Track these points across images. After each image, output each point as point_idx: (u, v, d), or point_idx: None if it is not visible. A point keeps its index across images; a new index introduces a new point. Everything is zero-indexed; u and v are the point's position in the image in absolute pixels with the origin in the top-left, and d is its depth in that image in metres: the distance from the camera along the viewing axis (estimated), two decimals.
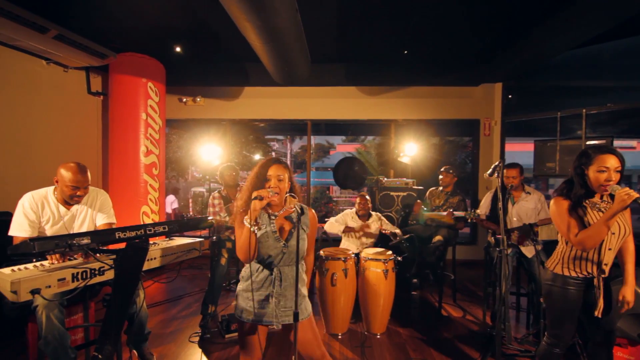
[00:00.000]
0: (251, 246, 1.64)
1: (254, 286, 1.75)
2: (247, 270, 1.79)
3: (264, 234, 1.74)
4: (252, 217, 1.61)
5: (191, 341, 2.98)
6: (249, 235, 1.63)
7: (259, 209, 1.63)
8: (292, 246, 1.75)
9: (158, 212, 4.91)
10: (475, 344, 3.01)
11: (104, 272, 1.83)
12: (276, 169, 1.75)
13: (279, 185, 1.73)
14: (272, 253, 1.74)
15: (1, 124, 3.87)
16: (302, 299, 1.80)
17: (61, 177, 2.23)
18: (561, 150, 4.79)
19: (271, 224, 1.76)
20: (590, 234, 1.77)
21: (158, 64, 4.98)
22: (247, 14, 2.63)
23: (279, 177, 1.74)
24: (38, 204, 2.26)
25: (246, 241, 1.64)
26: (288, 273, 1.77)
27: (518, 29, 4.27)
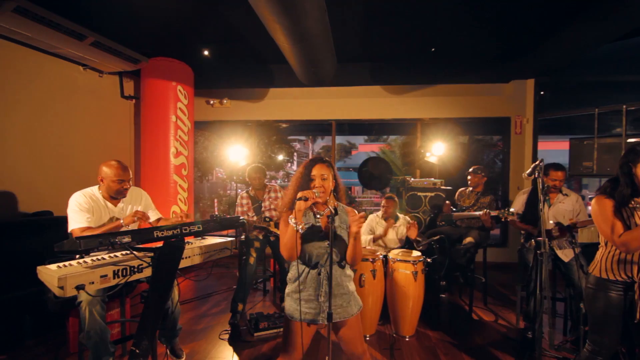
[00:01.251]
0: (295, 244, 1.68)
1: (301, 287, 1.78)
2: (294, 272, 1.82)
3: (309, 232, 1.77)
4: (298, 216, 1.66)
5: (221, 338, 3.04)
6: (293, 234, 1.66)
7: (303, 209, 1.68)
8: (336, 245, 1.76)
9: (187, 212, 5.03)
10: (509, 349, 2.91)
11: (142, 270, 1.88)
12: (319, 168, 1.78)
13: (324, 185, 1.76)
14: (317, 252, 1.76)
15: (41, 128, 4.07)
16: (351, 296, 1.83)
17: (106, 174, 2.39)
18: (599, 149, 4.56)
19: (317, 223, 1.79)
20: (635, 236, 1.68)
21: (187, 67, 5.11)
22: (277, 15, 2.65)
23: (322, 176, 1.77)
24: (89, 200, 2.39)
25: (290, 239, 1.68)
26: (334, 273, 1.78)
27: (552, 22, 4.09)
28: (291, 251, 1.70)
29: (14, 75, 3.77)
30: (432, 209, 4.30)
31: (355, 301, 1.84)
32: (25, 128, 3.88)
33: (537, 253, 2.25)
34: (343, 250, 1.79)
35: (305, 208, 1.68)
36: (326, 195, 1.78)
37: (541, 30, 4.35)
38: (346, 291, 1.80)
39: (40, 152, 4.07)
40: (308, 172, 1.79)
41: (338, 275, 1.80)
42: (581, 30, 3.93)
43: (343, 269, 1.83)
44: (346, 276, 1.84)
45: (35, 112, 4.00)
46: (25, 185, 3.81)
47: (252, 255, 3.34)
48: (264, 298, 4.13)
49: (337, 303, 1.77)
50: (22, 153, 3.84)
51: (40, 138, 4.06)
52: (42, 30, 3.43)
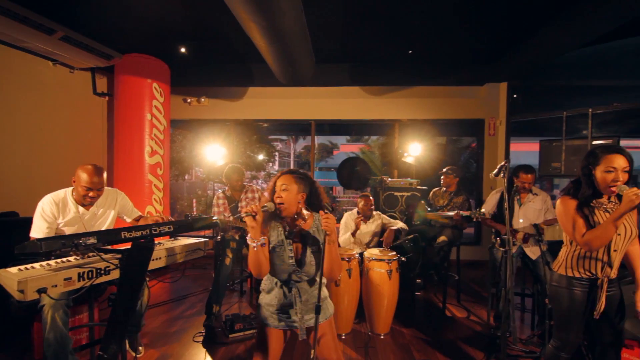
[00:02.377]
0: (259, 263, 1.63)
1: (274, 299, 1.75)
2: (267, 283, 1.80)
3: (278, 253, 1.71)
4: (252, 233, 1.60)
5: (195, 341, 2.99)
6: (253, 252, 1.62)
7: (254, 225, 1.60)
8: (306, 270, 1.72)
9: (162, 212, 4.93)
10: (480, 344, 2.99)
11: (109, 272, 1.84)
12: (282, 179, 1.72)
13: (282, 195, 1.69)
14: (287, 271, 1.72)
15: (8, 125, 3.90)
16: (323, 301, 1.78)
17: (78, 178, 2.29)
18: (567, 150, 4.75)
19: (287, 242, 1.71)
20: (597, 234, 1.75)
21: (163, 64, 5.00)
22: (252, 14, 2.64)
23: (282, 187, 1.70)
24: (58, 206, 2.29)
25: (251, 258, 1.64)
26: (307, 289, 1.76)
27: (524, 27, 4.24)
28: (256, 270, 1.66)
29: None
30: (408, 208, 4.37)
31: (327, 307, 1.82)
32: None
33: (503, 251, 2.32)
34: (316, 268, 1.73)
35: (257, 224, 1.61)
36: (289, 208, 1.71)
37: (513, 36, 4.50)
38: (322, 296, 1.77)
39: (7, 150, 3.90)
40: (273, 184, 1.75)
41: (310, 290, 1.76)
42: (550, 37, 4.09)
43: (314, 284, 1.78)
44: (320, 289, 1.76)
45: (1, 108, 3.83)
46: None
47: (228, 256, 3.31)
48: (241, 299, 4.09)
49: (310, 315, 1.75)
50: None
51: (6, 135, 3.89)
52: (9, 23, 3.28)
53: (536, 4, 3.72)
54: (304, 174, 1.79)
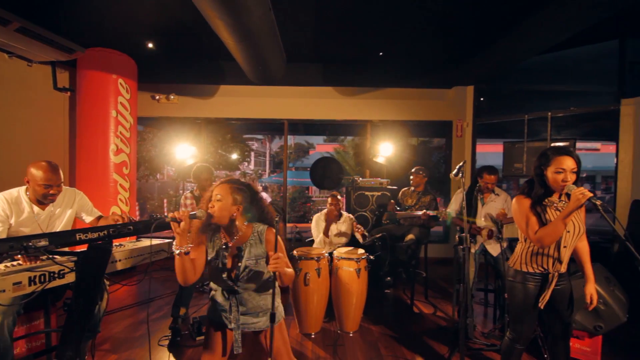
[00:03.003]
0: (183, 270, 1.59)
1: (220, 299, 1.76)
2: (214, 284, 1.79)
3: (213, 266, 1.69)
4: (178, 241, 1.56)
5: (160, 345, 2.92)
6: (178, 260, 1.58)
7: (180, 232, 1.56)
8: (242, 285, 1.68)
9: (129, 213, 4.76)
10: (444, 339, 3.09)
11: (64, 275, 1.76)
12: (219, 189, 1.66)
13: (214, 205, 1.63)
14: (223, 285, 1.72)
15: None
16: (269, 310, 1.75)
17: (32, 176, 2.17)
18: (528, 152, 4.99)
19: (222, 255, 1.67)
20: (548, 232, 1.85)
21: (129, 60, 4.84)
22: (218, 11, 2.60)
23: (217, 196, 1.64)
24: (10, 205, 2.17)
25: (177, 267, 1.59)
26: (247, 298, 1.72)
27: (489, 33, 4.41)
28: (181, 277, 1.61)
29: None
30: (378, 207, 4.45)
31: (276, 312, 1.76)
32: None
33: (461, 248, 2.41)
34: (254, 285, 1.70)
35: (183, 231, 1.55)
36: (221, 218, 1.64)
37: (479, 41, 4.67)
38: (264, 308, 1.75)
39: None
40: (211, 192, 1.69)
41: (254, 297, 1.73)
42: (511, 43, 4.28)
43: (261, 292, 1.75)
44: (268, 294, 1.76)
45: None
46: None
47: None
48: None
49: (256, 319, 1.75)
50: None
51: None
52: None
53: (499, 12, 3.88)
54: (245, 185, 1.73)
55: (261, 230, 1.74)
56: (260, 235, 1.73)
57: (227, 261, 1.68)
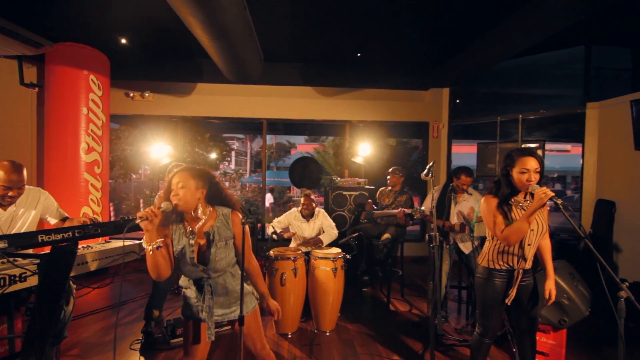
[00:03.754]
0: (156, 266, 1.56)
1: (193, 294, 1.72)
2: (184, 281, 1.76)
3: (182, 255, 1.64)
4: (147, 237, 1.53)
5: (132, 349, 2.84)
6: (149, 256, 1.55)
7: (151, 229, 1.52)
8: (215, 263, 1.66)
9: (101, 214, 4.62)
10: (419, 335, 3.15)
11: (25, 279, 1.70)
12: (178, 177, 1.63)
13: (179, 193, 1.59)
14: (195, 275, 1.69)
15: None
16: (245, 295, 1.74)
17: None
18: (500, 153, 5.13)
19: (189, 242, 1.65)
20: (513, 230, 1.93)
21: (102, 55, 4.69)
22: (191, 8, 2.55)
23: (179, 184, 1.61)
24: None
25: (149, 263, 1.56)
26: (222, 282, 1.72)
27: (463, 37, 4.54)
28: (155, 274, 1.58)
29: None
30: (356, 207, 4.49)
31: (249, 300, 1.79)
32: None
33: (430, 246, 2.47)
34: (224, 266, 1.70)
35: (154, 227, 1.52)
36: (188, 206, 1.62)
37: (454, 44, 4.79)
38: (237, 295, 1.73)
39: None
40: (169, 182, 1.65)
41: (228, 282, 1.74)
42: (484, 47, 4.41)
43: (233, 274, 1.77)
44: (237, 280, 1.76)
45: None
46: None
47: None
48: None
49: (231, 308, 1.76)
50: None
51: None
52: None
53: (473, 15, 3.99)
54: (201, 169, 1.72)
55: (226, 213, 1.74)
56: (226, 218, 1.72)
57: (195, 248, 1.66)
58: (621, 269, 4.19)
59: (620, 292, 1.50)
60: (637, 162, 4.04)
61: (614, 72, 5.37)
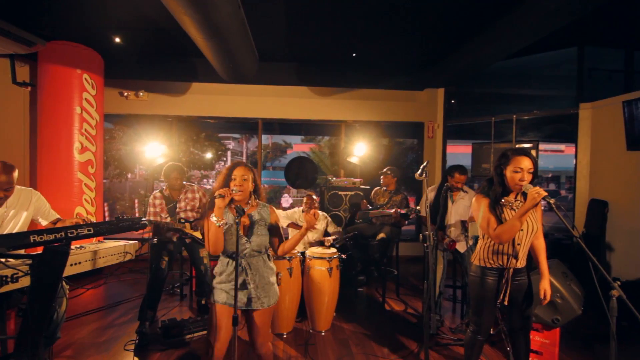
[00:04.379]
0: (217, 239, 1.83)
1: (227, 279, 1.90)
2: (220, 266, 1.95)
3: (229, 231, 1.90)
4: (217, 213, 1.79)
5: (126, 349, 2.82)
6: (215, 230, 1.81)
7: (222, 206, 1.81)
8: (254, 241, 1.93)
9: (95, 214, 4.59)
10: (414, 335, 3.16)
11: (17, 279, 1.68)
12: (240, 170, 1.94)
13: (243, 185, 1.91)
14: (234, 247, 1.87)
15: None
16: (271, 287, 1.97)
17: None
18: (495, 153, 5.18)
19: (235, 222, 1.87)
20: (506, 229, 1.94)
21: (95, 54, 4.66)
22: (185, 7, 2.54)
23: (242, 176, 1.92)
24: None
25: (213, 235, 1.82)
26: (255, 263, 1.94)
27: (458, 37, 4.55)
28: (214, 246, 1.85)
29: None
30: (351, 207, 4.49)
31: (274, 293, 1.99)
32: None
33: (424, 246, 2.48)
34: (261, 243, 1.96)
35: (224, 205, 1.81)
36: (245, 195, 1.93)
37: (449, 44, 4.81)
38: (267, 282, 1.96)
39: None
40: (230, 173, 1.94)
41: (260, 266, 1.95)
42: (478, 48, 4.43)
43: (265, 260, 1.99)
44: (269, 268, 2.00)
45: None
46: None
47: (164, 259, 3.17)
48: (181, 303, 3.94)
49: (260, 293, 1.91)
50: None
51: None
52: None
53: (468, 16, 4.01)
54: (251, 166, 2.03)
55: (265, 205, 2.06)
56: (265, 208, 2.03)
57: (241, 226, 1.92)
58: (614, 268, 4.23)
59: (612, 291, 1.52)
60: (629, 162, 4.08)
61: (607, 73, 5.42)
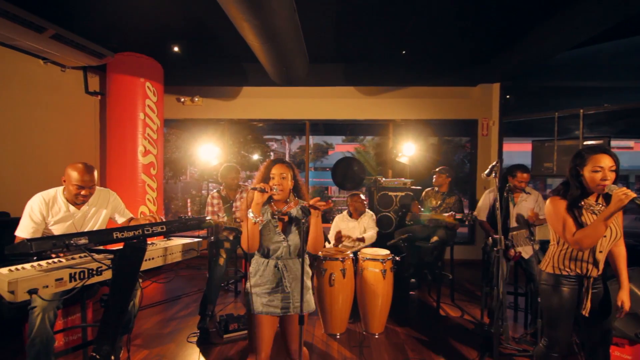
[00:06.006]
0: (253, 236, 1.77)
1: (262, 280, 1.84)
2: (255, 266, 1.90)
3: (267, 228, 1.84)
4: (255, 209, 1.74)
5: (189, 341, 2.97)
6: (251, 227, 1.74)
7: (260, 201, 1.75)
8: (292, 240, 1.86)
9: (156, 213, 4.89)
10: (473, 343, 3.01)
11: (101, 272, 1.82)
12: (279, 167, 1.87)
13: (282, 183, 1.84)
14: (273, 246, 1.85)
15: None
16: (307, 291, 1.89)
17: (68, 176, 2.27)
18: (558, 151, 4.81)
19: (274, 219, 1.86)
20: (587, 233, 1.77)
21: (156, 63, 4.97)
22: (245, 13, 2.63)
23: (281, 175, 1.86)
24: (47, 205, 2.27)
25: (249, 231, 1.75)
26: (292, 266, 1.87)
27: (516, 29, 4.29)
28: (250, 242, 1.77)
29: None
30: (401, 208, 4.39)
31: (311, 298, 1.92)
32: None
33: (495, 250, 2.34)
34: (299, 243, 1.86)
35: (262, 201, 1.75)
36: (285, 194, 1.87)
37: (505, 38, 4.54)
38: (305, 286, 1.84)
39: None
40: (268, 171, 1.88)
41: (297, 269, 1.87)
42: (541, 39, 4.14)
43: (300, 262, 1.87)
44: (306, 273, 1.88)
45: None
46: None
47: (222, 256, 3.30)
48: (236, 299, 4.08)
49: (298, 297, 1.83)
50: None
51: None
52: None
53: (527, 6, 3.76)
54: (292, 164, 1.97)
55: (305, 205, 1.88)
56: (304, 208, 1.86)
57: (279, 223, 1.88)
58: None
59: None
60: None
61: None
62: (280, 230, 1.87)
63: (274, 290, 1.84)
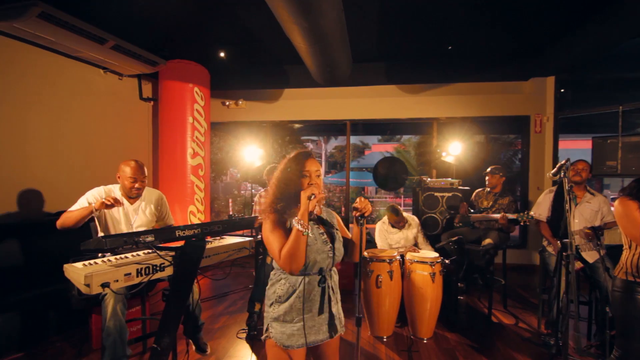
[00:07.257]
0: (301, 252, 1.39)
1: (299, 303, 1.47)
2: (284, 287, 1.50)
3: (311, 238, 1.48)
4: (305, 218, 1.38)
5: (239, 337, 3.06)
6: (299, 239, 1.37)
7: (312, 208, 1.42)
8: (337, 249, 1.54)
9: (204, 212, 5.10)
10: (530, 352, 2.84)
11: (164, 268, 1.91)
12: (313, 164, 1.52)
13: (318, 182, 1.51)
14: (320, 257, 1.48)
15: (63, 130, 4.18)
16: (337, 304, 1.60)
17: (122, 171, 2.54)
18: (623, 148, 4.40)
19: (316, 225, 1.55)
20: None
21: (203, 69, 5.18)
22: (295, 16, 2.66)
23: (316, 172, 1.52)
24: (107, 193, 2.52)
25: (296, 246, 1.37)
26: (336, 280, 1.60)
27: (574, 16, 3.99)
28: (297, 260, 1.39)
29: (37, 79, 3.88)
30: (449, 209, 4.23)
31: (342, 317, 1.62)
32: (48, 130, 4.00)
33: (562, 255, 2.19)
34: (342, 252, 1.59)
35: (313, 208, 1.43)
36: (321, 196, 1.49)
37: (559, 28, 4.25)
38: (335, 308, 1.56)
39: (62, 152, 4.18)
40: (301, 167, 1.50)
41: (334, 282, 1.58)
42: (599, 30, 3.82)
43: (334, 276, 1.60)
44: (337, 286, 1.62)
45: (57, 114, 4.11)
46: (48, 185, 3.91)
47: (268, 254, 3.36)
48: None
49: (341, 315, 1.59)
50: (45, 153, 3.96)
51: (62, 139, 4.17)
52: (65, 34, 3.51)
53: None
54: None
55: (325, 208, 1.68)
56: (329, 209, 1.71)
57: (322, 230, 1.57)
58: None
59: None
60: None
61: None
62: (327, 238, 1.54)
63: (318, 312, 1.49)
